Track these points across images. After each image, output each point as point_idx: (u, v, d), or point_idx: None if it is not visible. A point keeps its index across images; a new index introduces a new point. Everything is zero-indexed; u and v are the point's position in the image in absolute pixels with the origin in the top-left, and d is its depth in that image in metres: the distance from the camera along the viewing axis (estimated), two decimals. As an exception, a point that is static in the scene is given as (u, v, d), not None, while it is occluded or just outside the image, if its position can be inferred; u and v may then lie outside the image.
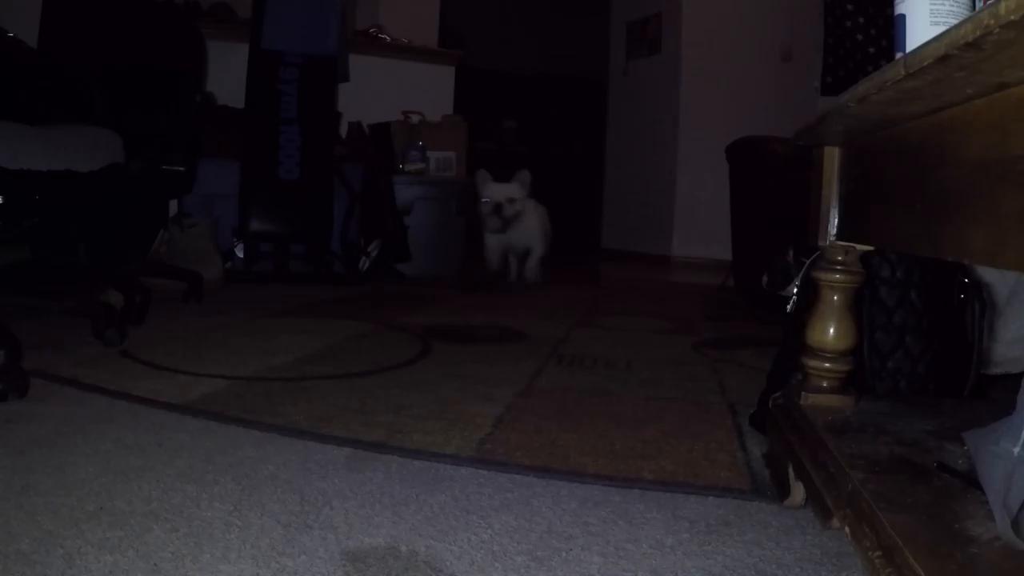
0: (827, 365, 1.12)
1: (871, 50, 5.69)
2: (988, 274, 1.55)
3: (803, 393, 1.14)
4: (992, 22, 0.45)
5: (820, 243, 1.11)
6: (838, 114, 0.86)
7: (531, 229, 4.07)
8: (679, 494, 1.17)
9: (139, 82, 2.38)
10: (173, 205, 3.68)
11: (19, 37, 2.32)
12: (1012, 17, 0.43)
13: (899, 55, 0.72)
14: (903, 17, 0.75)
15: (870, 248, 1.07)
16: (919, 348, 1.33)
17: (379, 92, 4.57)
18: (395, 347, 2.23)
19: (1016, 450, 0.69)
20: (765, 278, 1.64)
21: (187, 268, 2.94)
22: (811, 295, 1.17)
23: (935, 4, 0.72)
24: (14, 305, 2.20)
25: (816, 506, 0.97)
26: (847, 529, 0.81)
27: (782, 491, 1.14)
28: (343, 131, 4.31)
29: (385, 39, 4.73)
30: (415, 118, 4.48)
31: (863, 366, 1.32)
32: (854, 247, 1.08)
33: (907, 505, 0.76)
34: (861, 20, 5.72)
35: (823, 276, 1.11)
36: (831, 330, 1.11)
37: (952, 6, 0.72)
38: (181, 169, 2.52)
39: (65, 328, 2.12)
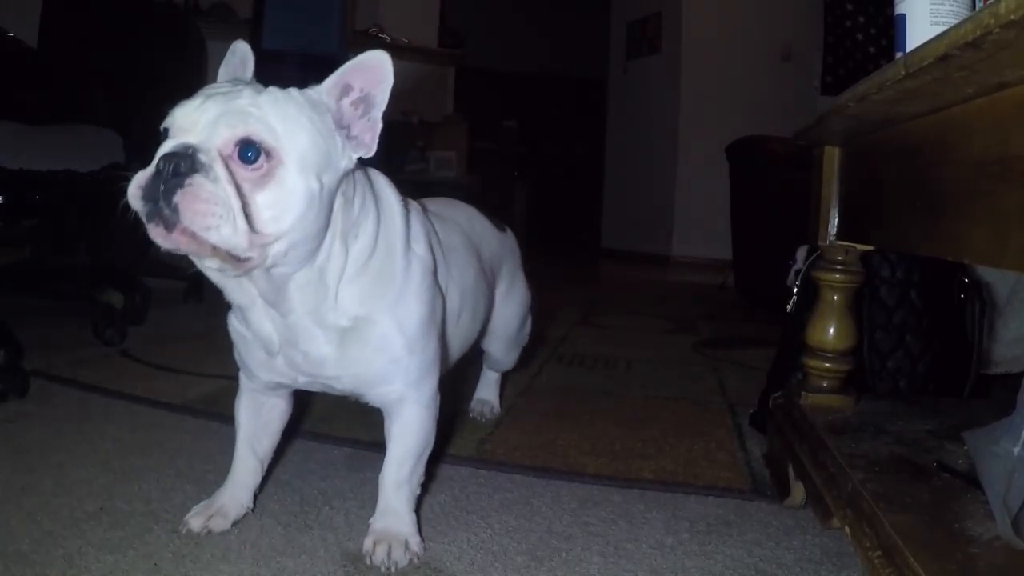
0: (827, 365, 1.12)
1: (871, 50, 5.69)
2: (988, 274, 1.55)
3: (803, 393, 1.13)
4: (992, 22, 0.45)
5: (820, 243, 1.11)
6: (838, 114, 0.87)
7: None
8: (679, 494, 1.17)
9: (139, 82, 2.38)
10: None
11: (19, 37, 2.31)
12: (1012, 17, 0.43)
13: (899, 55, 0.72)
14: (903, 17, 0.75)
15: (870, 248, 1.07)
16: (919, 348, 1.33)
17: (379, 92, 4.57)
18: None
19: (1016, 450, 0.69)
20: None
21: (187, 268, 2.94)
22: (811, 295, 1.17)
23: (935, 4, 0.72)
24: (14, 305, 2.19)
25: (816, 506, 0.97)
26: (847, 529, 0.81)
27: (782, 491, 1.14)
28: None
29: (385, 39, 4.73)
30: (415, 118, 4.48)
31: (863, 366, 1.32)
32: (854, 247, 1.08)
33: (907, 505, 0.76)
34: (861, 19, 5.72)
35: (823, 276, 1.11)
36: (831, 330, 1.11)
37: (952, 6, 0.72)
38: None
39: (65, 328, 2.12)
